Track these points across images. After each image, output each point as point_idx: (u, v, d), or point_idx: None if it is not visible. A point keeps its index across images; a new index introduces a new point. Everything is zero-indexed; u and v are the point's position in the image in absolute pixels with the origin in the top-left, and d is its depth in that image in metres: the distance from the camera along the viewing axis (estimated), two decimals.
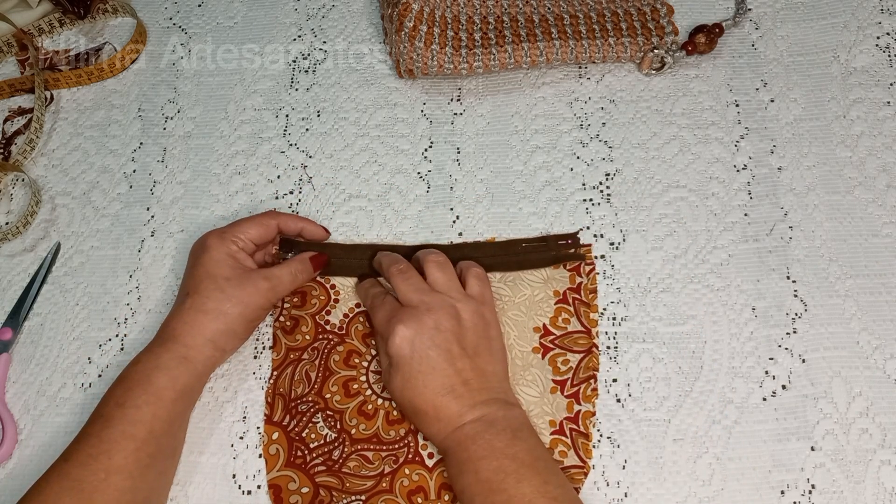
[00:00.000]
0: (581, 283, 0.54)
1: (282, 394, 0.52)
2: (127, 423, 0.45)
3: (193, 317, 0.48)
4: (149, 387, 0.46)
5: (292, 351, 0.53)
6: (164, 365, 0.46)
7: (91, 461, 0.44)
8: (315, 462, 0.50)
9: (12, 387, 0.55)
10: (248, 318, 0.49)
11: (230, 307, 0.48)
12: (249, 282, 0.49)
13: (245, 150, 0.62)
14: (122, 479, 0.43)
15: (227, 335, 0.48)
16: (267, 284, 0.49)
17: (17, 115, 0.65)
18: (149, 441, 0.45)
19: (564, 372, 0.51)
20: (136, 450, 0.44)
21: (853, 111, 0.59)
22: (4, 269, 0.59)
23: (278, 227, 0.53)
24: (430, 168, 0.60)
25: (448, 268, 0.50)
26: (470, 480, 0.44)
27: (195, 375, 0.47)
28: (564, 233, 0.56)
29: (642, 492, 0.49)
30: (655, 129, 0.59)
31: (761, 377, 0.51)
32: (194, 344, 0.47)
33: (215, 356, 0.48)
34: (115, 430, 0.44)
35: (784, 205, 0.56)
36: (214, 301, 0.48)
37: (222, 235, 0.50)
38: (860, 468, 0.48)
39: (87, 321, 0.56)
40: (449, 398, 0.46)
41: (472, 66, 0.59)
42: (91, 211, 0.60)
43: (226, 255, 0.49)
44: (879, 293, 0.53)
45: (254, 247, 0.52)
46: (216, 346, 0.48)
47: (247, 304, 0.48)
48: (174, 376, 0.46)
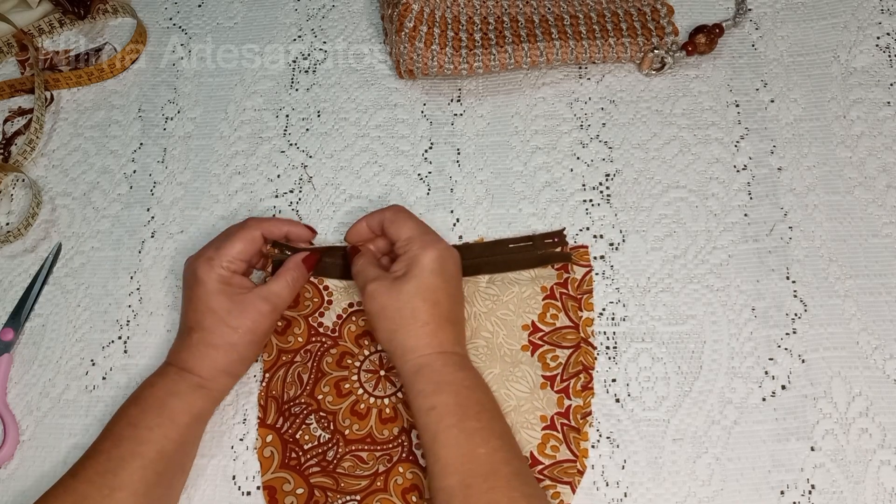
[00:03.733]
0: (568, 279, 0.54)
1: (274, 396, 0.52)
2: (137, 444, 0.45)
3: (204, 352, 0.48)
4: (163, 410, 0.46)
5: (284, 353, 0.53)
6: (181, 392, 0.47)
7: (98, 478, 0.44)
8: (309, 463, 0.50)
9: (14, 387, 0.55)
10: (257, 342, 0.50)
11: (238, 338, 0.48)
12: (251, 308, 0.49)
13: (245, 150, 0.62)
14: (127, 496, 0.44)
15: (239, 363, 0.50)
16: (268, 306, 0.49)
17: (17, 115, 0.65)
18: (158, 461, 0.45)
19: (554, 367, 0.51)
20: (142, 468, 0.44)
21: (853, 111, 0.59)
22: (5, 270, 0.59)
23: (262, 236, 0.52)
24: (430, 169, 0.60)
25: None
26: (447, 401, 0.45)
27: (210, 400, 0.49)
28: (550, 231, 0.56)
29: (641, 492, 0.49)
30: (655, 129, 0.59)
31: (761, 377, 0.51)
32: (210, 376, 0.48)
33: (230, 384, 0.50)
34: (124, 450, 0.45)
35: (784, 205, 0.56)
36: (221, 336, 0.48)
37: (210, 263, 0.49)
38: (860, 468, 0.48)
39: (90, 322, 0.57)
40: (450, 326, 0.48)
41: (473, 67, 0.59)
42: (91, 212, 0.61)
43: (219, 283, 0.49)
44: (879, 293, 0.53)
45: (244, 264, 0.51)
46: (230, 375, 0.49)
47: (253, 330, 0.49)
48: (190, 402, 0.47)
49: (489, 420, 0.45)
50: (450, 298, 0.48)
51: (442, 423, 0.44)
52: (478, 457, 0.43)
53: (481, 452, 0.43)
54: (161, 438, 0.45)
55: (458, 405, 0.45)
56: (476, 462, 0.43)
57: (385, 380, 0.52)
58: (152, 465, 0.45)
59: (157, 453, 0.45)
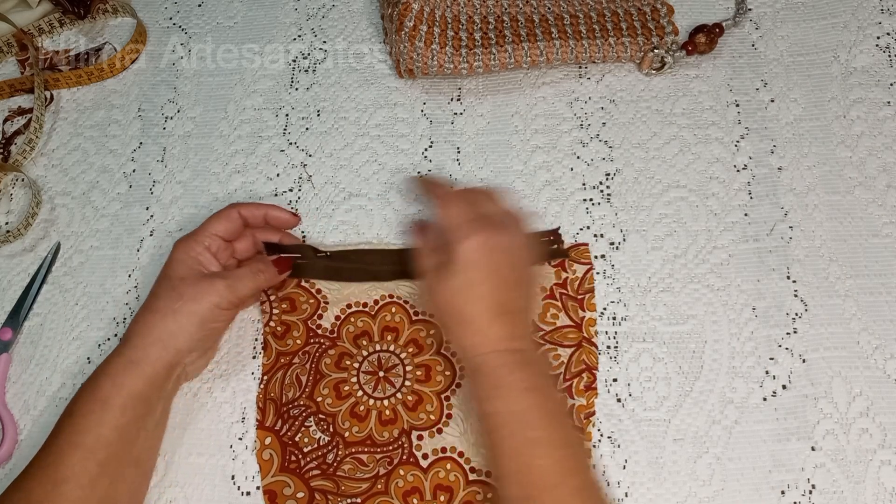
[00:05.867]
0: (567, 279, 0.54)
1: (272, 398, 0.52)
2: (73, 433, 0.44)
3: (143, 316, 0.47)
4: (95, 394, 0.45)
5: (283, 355, 0.53)
6: (110, 371, 0.45)
7: (40, 472, 0.43)
8: (309, 466, 0.50)
9: (12, 387, 0.55)
10: (201, 316, 0.47)
11: (181, 305, 0.46)
12: (205, 280, 0.48)
13: (245, 149, 0.62)
14: (70, 489, 0.42)
15: (176, 334, 0.46)
16: (223, 282, 0.48)
17: (16, 115, 0.65)
18: (96, 449, 0.43)
19: (556, 367, 0.51)
20: (82, 459, 0.43)
21: (853, 111, 0.59)
22: (4, 270, 0.59)
23: (240, 215, 0.52)
24: (430, 168, 0.60)
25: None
26: (503, 408, 0.42)
27: (144, 379, 0.45)
28: (546, 229, 0.56)
29: (642, 492, 0.49)
30: (655, 129, 0.59)
31: (761, 377, 0.51)
32: (142, 344, 0.46)
33: (163, 356, 0.46)
34: (62, 440, 0.44)
35: (784, 205, 0.56)
36: (165, 300, 0.47)
37: (187, 239, 0.49)
38: (860, 468, 0.48)
39: (87, 321, 0.56)
40: (505, 318, 0.45)
41: (473, 66, 0.59)
42: (91, 211, 0.60)
43: (187, 256, 0.48)
44: (879, 293, 0.53)
45: (222, 242, 0.50)
46: (165, 346, 0.46)
47: (198, 300, 0.47)
48: (119, 382, 0.45)
49: (550, 427, 0.42)
50: (498, 289, 0.45)
51: (498, 432, 0.42)
52: (538, 468, 0.41)
53: (542, 464, 0.41)
54: (95, 424, 0.44)
55: (514, 413, 0.42)
56: (537, 474, 0.41)
57: (384, 381, 0.52)
58: (92, 455, 0.43)
59: (94, 440, 0.43)
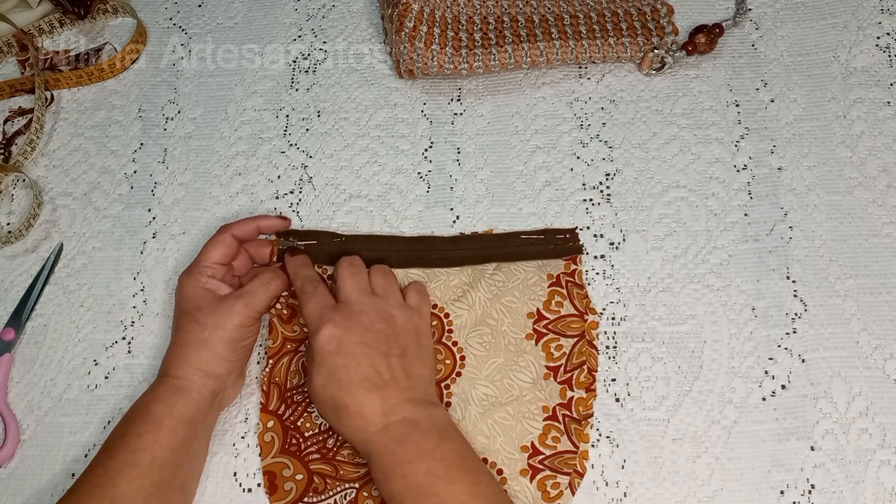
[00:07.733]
0: (576, 270, 0.54)
1: (277, 383, 0.52)
2: (128, 452, 0.45)
3: (178, 352, 0.49)
4: (147, 416, 0.47)
5: (289, 341, 0.53)
6: (160, 396, 0.48)
7: (96, 491, 0.44)
8: (310, 450, 0.51)
9: (15, 387, 0.55)
10: (230, 340, 0.49)
11: (207, 334, 0.49)
12: (222, 305, 0.50)
13: (245, 150, 0.62)
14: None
15: (212, 361, 0.49)
16: (240, 302, 0.50)
17: (17, 115, 0.65)
18: (151, 468, 0.45)
19: (558, 358, 0.52)
20: (138, 477, 0.45)
21: (853, 111, 0.59)
22: (6, 270, 0.59)
23: (234, 238, 0.53)
24: (430, 168, 0.60)
25: (391, 277, 0.52)
26: (399, 486, 0.43)
27: (193, 404, 0.48)
28: (563, 228, 0.56)
29: (641, 492, 0.49)
30: (655, 129, 0.59)
31: (761, 377, 0.51)
32: (184, 375, 0.49)
33: (208, 383, 0.49)
34: (117, 460, 0.45)
35: (784, 205, 0.56)
36: (192, 333, 0.49)
37: (190, 272, 0.51)
38: (860, 468, 0.48)
39: (93, 323, 0.57)
40: (374, 394, 0.45)
41: (473, 67, 0.59)
42: (92, 212, 0.61)
43: (196, 288, 0.50)
44: (879, 293, 0.53)
45: (223, 268, 0.52)
46: (206, 374, 0.49)
47: (223, 326, 0.49)
48: (170, 404, 0.47)
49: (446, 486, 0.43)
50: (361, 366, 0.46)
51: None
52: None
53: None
54: (150, 444, 0.46)
55: (408, 487, 0.43)
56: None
57: None
58: (147, 474, 0.45)
59: (149, 461, 0.45)
